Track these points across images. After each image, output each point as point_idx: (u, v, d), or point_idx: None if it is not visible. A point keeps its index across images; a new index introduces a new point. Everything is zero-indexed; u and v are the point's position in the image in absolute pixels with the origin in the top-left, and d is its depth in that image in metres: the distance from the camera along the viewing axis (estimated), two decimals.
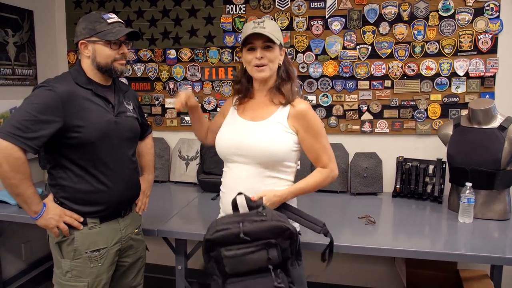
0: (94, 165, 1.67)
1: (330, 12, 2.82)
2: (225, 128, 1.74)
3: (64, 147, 1.63)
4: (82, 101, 1.63)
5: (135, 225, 1.91)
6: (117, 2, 3.18)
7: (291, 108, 1.63)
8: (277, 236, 1.43)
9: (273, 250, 1.43)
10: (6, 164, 1.50)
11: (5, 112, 2.81)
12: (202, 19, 3.02)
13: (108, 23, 1.66)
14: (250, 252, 1.43)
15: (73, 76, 1.68)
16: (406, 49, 2.73)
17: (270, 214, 1.47)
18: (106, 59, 1.66)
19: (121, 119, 1.74)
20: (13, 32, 2.90)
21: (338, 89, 2.86)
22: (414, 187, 2.62)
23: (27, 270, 3.10)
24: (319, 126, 1.66)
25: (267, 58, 1.59)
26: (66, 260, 1.71)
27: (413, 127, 2.78)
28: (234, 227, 1.44)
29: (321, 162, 1.68)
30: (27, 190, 1.58)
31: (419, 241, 2.02)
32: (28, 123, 1.51)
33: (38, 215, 1.64)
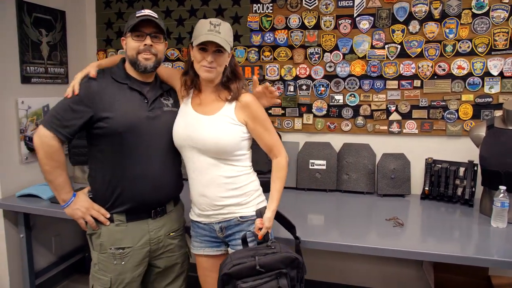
0: (122, 158, 1.69)
1: (358, 11, 2.78)
2: (179, 120, 1.78)
3: (95, 138, 1.71)
4: (113, 94, 1.69)
5: (170, 229, 1.87)
6: (146, 1, 3.23)
7: (237, 102, 1.70)
8: (287, 265, 1.60)
9: (283, 279, 1.58)
10: (41, 151, 1.64)
11: (38, 110, 2.90)
12: (229, 18, 3.03)
13: (136, 17, 1.69)
14: (263, 283, 1.57)
15: (112, 70, 1.76)
16: (437, 48, 2.66)
17: (278, 246, 1.64)
18: (131, 51, 1.70)
19: (156, 113, 1.74)
20: (46, 32, 2.99)
21: (365, 88, 2.82)
22: (444, 190, 2.56)
23: (57, 262, 3.18)
24: (263, 114, 1.73)
25: (216, 62, 1.66)
26: (95, 252, 1.79)
27: (443, 128, 2.71)
28: (249, 261, 1.58)
29: (274, 151, 1.76)
30: (58, 177, 1.69)
31: (448, 245, 1.97)
32: (64, 112, 1.65)
33: (66, 204, 1.74)
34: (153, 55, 1.71)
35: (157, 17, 1.72)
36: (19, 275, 2.80)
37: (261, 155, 1.95)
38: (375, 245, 1.92)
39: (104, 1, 3.33)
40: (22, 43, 2.77)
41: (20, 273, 2.80)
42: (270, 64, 2.99)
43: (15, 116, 2.73)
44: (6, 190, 2.69)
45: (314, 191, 2.84)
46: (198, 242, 1.83)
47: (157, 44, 1.73)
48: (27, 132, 2.81)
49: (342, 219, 2.32)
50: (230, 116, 1.69)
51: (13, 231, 2.75)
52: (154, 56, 1.72)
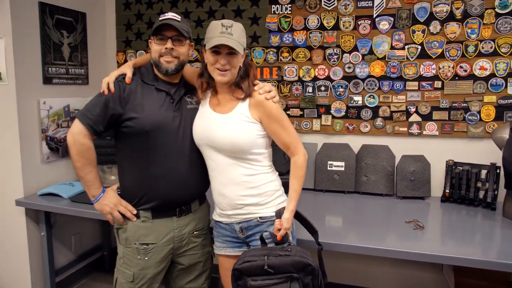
0: (148, 156, 1.74)
1: (378, 11, 2.76)
2: (197, 120, 1.80)
3: (124, 136, 1.77)
4: (141, 96, 1.75)
5: (195, 227, 1.90)
6: (165, 3, 3.25)
7: (251, 99, 1.69)
8: (299, 271, 1.55)
9: (295, 283, 1.55)
10: (74, 148, 1.73)
11: (59, 110, 2.94)
12: (248, 19, 3.04)
13: (159, 20, 1.72)
14: (273, 284, 1.55)
15: (141, 72, 1.82)
16: (459, 48, 2.62)
17: (295, 250, 1.59)
18: (154, 53, 1.75)
19: (180, 113, 1.78)
20: (67, 33, 3.03)
21: (385, 89, 2.79)
22: (465, 192, 2.52)
23: (77, 260, 3.23)
24: (278, 111, 1.71)
25: (230, 64, 1.65)
26: (120, 246, 1.85)
27: (465, 129, 2.67)
28: (259, 260, 1.56)
29: (291, 148, 1.73)
30: (88, 174, 1.77)
31: (469, 248, 1.94)
32: (96, 107, 1.73)
33: (95, 199, 1.82)
34: (174, 58, 1.74)
35: (179, 19, 1.74)
36: (40, 273, 2.85)
37: (279, 155, 1.95)
38: (394, 248, 1.90)
39: (124, 2, 3.37)
40: (44, 44, 2.82)
41: (41, 271, 2.85)
42: (288, 65, 2.98)
43: (37, 116, 2.78)
44: (28, 189, 2.74)
45: (332, 193, 2.82)
46: (220, 242, 1.84)
47: (179, 47, 1.75)
48: (48, 132, 2.86)
49: (361, 221, 2.30)
50: (244, 113, 1.69)
51: (35, 229, 2.80)
52: (176, 58, 1.74)
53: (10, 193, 2.72)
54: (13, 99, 2.64)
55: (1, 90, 2.65)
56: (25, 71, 2.70)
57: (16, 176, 2.71)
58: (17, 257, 2.82)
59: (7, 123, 2.67)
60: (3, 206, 2.78)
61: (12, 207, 2.70)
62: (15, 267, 2.84)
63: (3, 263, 2.89)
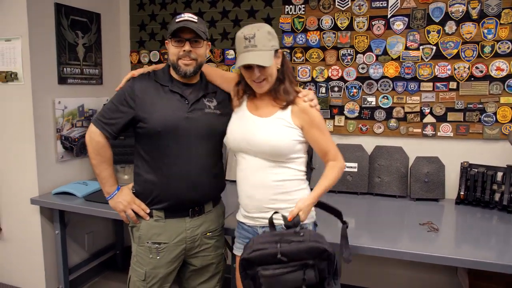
0: (161, 157, 1.75)
1: (392, 12, 2.74)
2: (235, 122, 1.78)
3: (138, 136, 1.81)
4: (154, 96, 1.75)
5: (207, 228, 1.89)
6: (178, 3, 3.26)
7: (293, 106, 1.67)
8: (314, 257, 1.46)
9: (310, 271, 1.45)
10: (90, 146, 1.79)
11: (73, 110, 2.97)
12: (261, 19, 3.04)
13: (176, 22, 1.70)
14: (286, 272, 1.45)
15: (156, 73, 1.83)
16: (474, 49, 2.59)
17: (308, 234, 1.50)
18: (172, 56, 1.74)
19: (196, 115, 1.76)
20: (82, 34, 3.06)
21: (399, 90, 2.77)
22: (480, 195, 2.49)
23: (90, 259, 3.26)
24: (320, 119, 1.69)
25: (264, 75, 1.62)
26: (134, 244, 1.87)
27: (480, 131, 2.64)
28: (271, 247, 1.47)
29: (329, 155, 1.71)
30: (104, 171, 1.82)
31: (484, 251, 1.91)
32: (110, 111, 1.77)
33: (110, 196, 1.86)
34: (193, 60, 1.73)
35: (196, 20, 1.73)
36: (54, 271, 2.88)
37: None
38: (408, 250, 1.88)
39: (138, 3, 3.39)
40: (59, 45, 2.85)
41: (55, 269, 2.88)
42: (302, 65, 2.97)
43: (52, 115, 2.82)
44: (43, 187, 2.77)
45: (345, 194, 2.80)
46: (240, 243, 1.81)
47: (197, 49, 1.74)
48: (63, 132, 2.89)
49: (374, 223, 2.28)
50: (286, 119, 1.66)
51: (49, 228, 2.84)
52: (194, 61, 1.74)
53: (26, 192, 2.76)
54: (29, 99, 2.67)
55: (18, 90, 2.69)
56: (41, 71, 2.73)
57: (31, 174, 2.74)
58: (31, 255, 2.85)
59: (23, 122, 2.70)
60: (18, 205, 2.81)
61: (27, 205, 2.73)
62: (30, 265, 2.87)
63: (18, 261, 2.92)
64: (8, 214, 2.90)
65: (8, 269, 2.99)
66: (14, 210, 2.86)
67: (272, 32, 1.64)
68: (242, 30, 1.62)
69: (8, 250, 2.95)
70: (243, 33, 1.60)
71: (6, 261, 2.98)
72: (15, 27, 2.64)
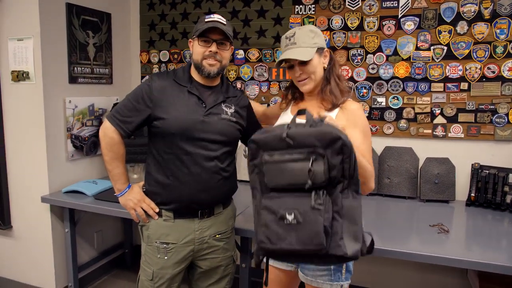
0: (173, 158, 1.74)
1: (403, 12, 2.72)
2: (278, 122, 1.75)
3: (153, 137, 1.80)
4: (172, 96, 1.75)
5: (217, 230, 1.87)
6: (188, 3, 3.27)
7: (341, 108, 1.60)
8: (326, 146, 1.22)
9: (319, 162, 1.22)
10: (103, 142, 1.78)
11: (84, 109, 2.99)
12: (271, 19, 3.04)
13: (205, 21, 1.69)
14: (291, 160, 1.25)
15: (176, 71, 1.83)
16: (486, 49, 2.56)
17: (327, 124, 1.27)
18: (196, 56, 1.73)
19: (211, 119, 1.75)
20: (93, 33, 3.08)
21: (409, 91, 2.75)
22: (491, 197, 2.46)
23: (99, 257, 3.28)
24: (368, 127, 1.62)
25: (305, 72, 1.60)
26: (144, 244, 1.88)
27: (491, 132, 2.61)
28: (279, 129, 1.29)
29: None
30: (115, 168, 1.81)
31: (495, 254, 1.89)
32: (126, 108, 1.76)
33: (120, 193, 1.85)
34: (218, 62, 1.73)
35: (225, 23, 1.72)
36: (64, 268, 2.91)
37: None
38: (418, 251, 1.87)
39: (148, 3, 3.41)
40: (70, 44, 2.87)
41: (64, 266, 2.90)
42: None
43: (62, 114, 2.84)
44: (53, 186, 2.79)
45: None
46: None
47: (223, 51, 1.74)
48: (73, 131, 2.91)
49: (383, 224, 2.27)
50: None
51: (59, 226, 2.86)
52: (219, 62, 1.74)
53: (36, 190, 2.78)
54: (40, 98, 2.69)
55: (29, 89, 2.71)
56: (52, 70, 2.75)
57: (42, 173, 2.77)
58: (41, 253, 2.88)
59: (34, 121, 2.73)
60: (29, 203, 2.84)
61: (37, 203, 2.75)
62: (40, 263, 2.90)
63: (28, 258, 2.95)
64: (19, 212, 2.93)
65: (18, 267, 3.02)
66: (25, 208, 2.88)
67: (316, 30, 1.62)
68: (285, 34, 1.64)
69: (19, 247, 2.98)
70: (285, 35, 1.62)
71: (16, 258, 3.01)
72: (27, 27, 2.66)
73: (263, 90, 3.13)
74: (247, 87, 3.17)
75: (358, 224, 1.29)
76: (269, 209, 1.31)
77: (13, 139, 2.85)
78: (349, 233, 1.27)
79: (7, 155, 2.89)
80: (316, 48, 1.59)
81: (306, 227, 1.23)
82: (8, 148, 2.88)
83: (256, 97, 3.15)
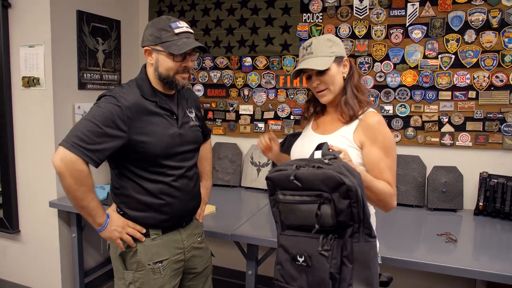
0: (158, 178, 1.64)
1: (411, 20, 2.73)
2: (297, 142, 1.71)
3: (129, 161, 1.61)
4: (147, 115, 1.59)
5: (197, 234, 1.85)
6: (197, 11, 3.30)
7: (361, 121, 1.51)
8: (332, 190, 1.19)
9: (326, 206, 1.21)
10: (70, 177, 1.45)
11: None
12: (279, 27, 3.06)
13: (175, 33, 1.55)
14: (301, 202, 1.25)
15: (139, 86, 1.62)
16: (495, 58, 2.56)
17: (337, 165, 1.23)
18: (167, 71, 1.58)
19: (184, 130, 1.70)
20: (102, 40, 3.12)
21: (417, 99, 2.75)
22: (500, 206, 2.44)
23: (104, 263, 3.29)
24: (390, 142, 1.48)
25: (323, 83, 1.53)
26: (129, 272, 1.67)
27: (500, 141, 2.60)
28: (290, 169, 1.27)
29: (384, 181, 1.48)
30: (91, 202, 1.54)
31: (504, 263, 1.87)
32: (93, 134, 1.46)
33: (102, 227, 1.60)
34: (189, 73, 1.65)
35: (193, 32, 1.62)
36: (70, 273, 2.92)
37: None
38: (425, 261, 1.85)
39: (157, 10, 3.45)
40: (80, 51, 2.91)
41: (71, 271, 2.92)
42: None
43: (71, 120, 2.86)
44: (61, 191, 2.79)
45: None
46: None
47: (192, 62, 1.64)
48: None
49: (390, 232, 2.25)
50: (347, 137, 1.50)
51: (66, 231, 2.87)
52: (189, 73, 1.66)
53: (44, 195, 2.80)
54: (50, 104, 2.72)
55: (39, 95, 2.75)
56: (62, 76, 2.79)
57: (50, 178, 2.79)
58: (48, 257, 2.89)
59: (44, 126, 2.76)
60: (37, 207, 2.86)
61: (45, 208, 2.77)
62: (47, 267, 2.91)
63: (35, 263, 2.97)
64: (26, 216, 2.95)
65: (25, 271, 3.03)
66: (33, 212, 2.91)
67: (334, 39, 1.54)
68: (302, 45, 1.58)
69: (26, 251, 3.00)
70: (303, 45, 1.56)
71: (23, 262, 3.03)
72: (38, 33, 2.70)
73: (271, 98, 3.14)
74: (255, 94, 3.18)
75: (372, 268, 1.24)
76: (284, 248, 1.33)
77: (22, 143, 2.88)
78: (360, 279, 1.23)
79: (16, 159, 2.92)
80: (334, 57, 1.51)
81: (315, 272, 1.23)
82: (18, 152, 2.91)
83: (263, 104, 3.17)
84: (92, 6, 3.00)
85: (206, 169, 2.06)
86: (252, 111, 3.22)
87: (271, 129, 3.15)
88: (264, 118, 3.18)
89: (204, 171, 2.05)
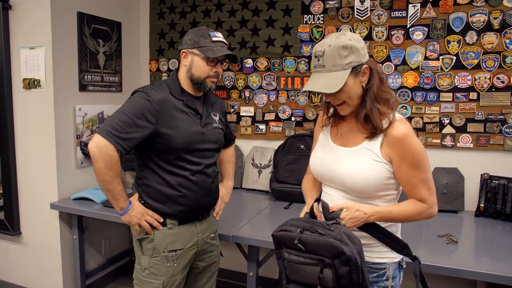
0: (178, 171, 1.77)
1: (412, 21, 2.72)
2: (318, 151, 1.61)
3: (153, 151, 1.76)
4: (173, 110, 1.74)
5: (211, 230, 1.98)
6: (198, 13, 3.30)
7: (386, 135, 1.40)
8: (333, 257, 1.26)
9: (328, 270, 1.27)
10: (101, 161, 1.62)
11: (93, 116, 3.02)
12: (280, 29, 3.06)
13: (212, 40, 1.73)
14: (304, 263, 1.31)
15: (169, 85, 1.79)
16: (496, 59, 2.56)
17: (339, 231, 1.28)
18: (200, 73, 1.75)
19: (207, 130, 1.83)
20: (103, 42, 3.12)
21: (418, 100, 2.75)
22: (501, 207, 2.44)
23: (106, 264, 3.29)
24: (419, 155, 1.39)
25: (339, 98, 1.41)
26: (145, 257, 1.82)
27: (501, 142, 2.59)
28: (295, 231, 1.33)
29: (418, 196, 1.43)
30: (117, 187, 1.70)
31: (505, 265, 1.86)
32: (124, 124, 1.64)
33: (124, 211, 1.77)
34: (217, 79, 1.80)
35: (227, 43, 1.81)
36: (71, 275, 2.92)
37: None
38: (426, 262, 1.85)
39: (158, 12, 3.45)
40: (81, 52, 2.91)
41: (72, 273, 2.92)
42: None
43: (72, 122, 2.87)
44: (62, 193, 2.81)
45: None
46: None
47: (221, 68, 1.81)
48: (83, 138, 2.94)
49: None
50: (373, 151, 1.42)
51: (67, 232, 2.87)
52: (218, 79, 1.81)
53: (45, 196, 2.81)
54: (50, 106, 2.72)
55: (40, 97, 2.75)
56: (63, 78, 2.79)
57: (51, 180, 2.79)
58: (50, 259, 2.89)
59: (44, 128, 2.76)
60: (38, 209, 2.86)
61: (47, 210, 2.78)
62: (48, 269, 2.91)
63: (36, 264, 2.97)
64: (28, 218, 2.95)
65: (26, 272, 3.03)
66: (34, 214, 2.91)
67: (351, 44, 1.35)
68: (317, 44, 1.41)
69: (27, 253, 3.00)
70: (315, 49, 1.40)
71: (25, 264, 3.03)
72: (39, 35, 2.70)
73: (271, 99, 3.14)
74: (256, 96, 3.18)
75: None
76: None
77: (23, 145, 2.88)
78: None
79: (17, 161, 2.92)
80: (350, 69, 1.35)
81: None
82: (18, 154, 2.91)
83: (264, 105, 3.16)
84: (93, 7, 3.00)
85: (228, 170, 2.21)
86: (253, 113, 3.22)
87: (272, 130, 3.15)
88: (265, 119, 3.18)
89: (226, 172, 2.20)
